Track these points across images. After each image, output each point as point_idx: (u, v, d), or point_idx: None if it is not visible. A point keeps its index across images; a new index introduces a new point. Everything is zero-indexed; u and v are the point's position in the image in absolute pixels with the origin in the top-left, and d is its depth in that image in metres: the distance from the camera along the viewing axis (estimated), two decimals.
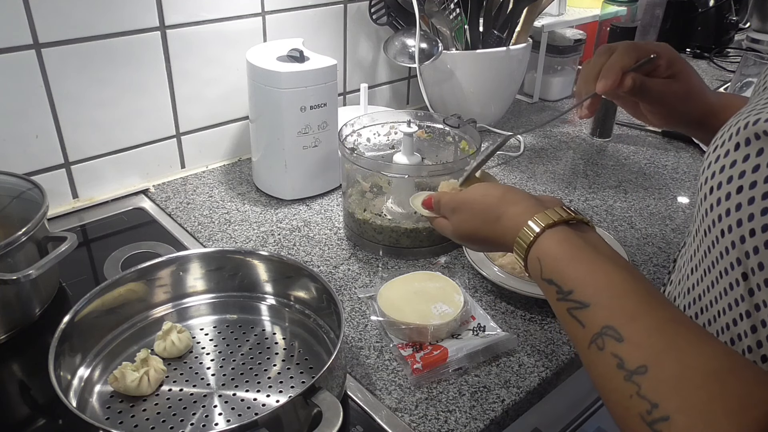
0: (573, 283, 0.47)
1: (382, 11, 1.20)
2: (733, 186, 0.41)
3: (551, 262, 0.50)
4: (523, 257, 0.53)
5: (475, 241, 0.62)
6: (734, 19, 1.85)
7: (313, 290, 0.73)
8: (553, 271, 0.50)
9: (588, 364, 0.45)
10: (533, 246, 0.52)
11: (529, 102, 1.48)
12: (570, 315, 0.47)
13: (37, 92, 0.89)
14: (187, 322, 0.74)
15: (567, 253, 0.50)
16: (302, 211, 0.99)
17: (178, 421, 0.61)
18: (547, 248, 0.51)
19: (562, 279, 0.48)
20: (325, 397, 0.56)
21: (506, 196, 0.58)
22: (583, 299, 0.46)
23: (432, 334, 0.71)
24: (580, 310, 0.46)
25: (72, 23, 0.88)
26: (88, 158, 0.97)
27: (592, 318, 0.45)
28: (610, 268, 0.47)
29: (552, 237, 0.51)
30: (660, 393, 0.38)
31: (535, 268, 0.52)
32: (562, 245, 0.50)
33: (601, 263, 0.48)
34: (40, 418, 0.65)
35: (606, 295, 0.45)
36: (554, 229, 0.52)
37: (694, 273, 0.49)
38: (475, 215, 0.60)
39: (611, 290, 0.46)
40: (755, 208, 0.39)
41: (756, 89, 0.54)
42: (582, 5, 1.49)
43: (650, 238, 0.95)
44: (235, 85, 1.08)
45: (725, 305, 0.44)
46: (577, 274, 0.48)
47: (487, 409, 0.65)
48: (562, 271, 0.49)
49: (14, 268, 0.69)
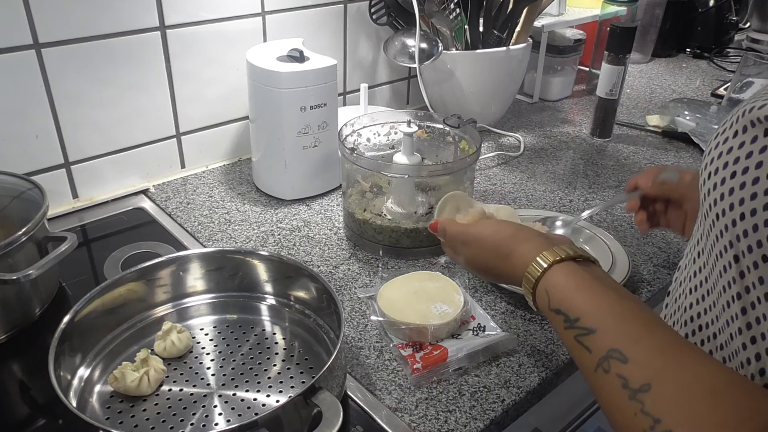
0: (579, 311, 0.50)
1: (382, 11, 1.20)
2: (728, 171, 0.42)
3: (558, 293, 0.53)
4: (532, 290, 0.56)
5: (488, 273, 0.66)
6: (734, 19, 1.85)
7: (313, 290, 0.73)
8: (560, 301, 0.52)
9: (595, 387, 0.46)
10: (541, 279, 0.55)
11: (529, 102, 1.48)
12: (577, 342, 0.48)
13: (37, 92, 0.89)
14: (187, 322, 0.74)
15: (573, 285, 0.52)
16: (302, 211, 0.99)
17: (178, 421, 0.61)
18: (554, 281, 0.54)
19: (568, 308, 0.51)
20: (325, 397, 0.56)
21: (517, 234, 0.61)
22: (589, 325, 0.48)
23: (432, 334, 0.71)
24: (586, 336, 0.48)
25: (72, 23, 0.88)
26: (88, 158, 0.97)
27: (598, 343, 0.47)
28: (613, 296, 0.50)
29: (559, 270, 0.54)
30: (662, 409, 0.40)
31: (543, 300, 0.54)
32: (568, 278, 0.53)
33: (605, 293, 0.50)
34: (40, 418, 0.65)
35: (611, 320, 0.47)
36: (561, 264, 0.54)
37: (696, 263, 0.50)
38: (485, 251, 0.63)
39: (615, 316, 0.48)
40: (746, 193, 0.40)
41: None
42: (582, 5, 1.49)
43: (650, 238, 0.95)
44: (235, 85, 1.08)
45: (723, 303, 0.45)
46: (582, 302, 0.50)
47: (487, 409, 0.65)
48: (569, 300, 0.51)
49: (14, 268, 0.69)
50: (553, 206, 1.03)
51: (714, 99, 1.53)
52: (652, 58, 1.80)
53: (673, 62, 1.81)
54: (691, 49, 1.85)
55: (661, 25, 1.73)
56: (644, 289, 0.84)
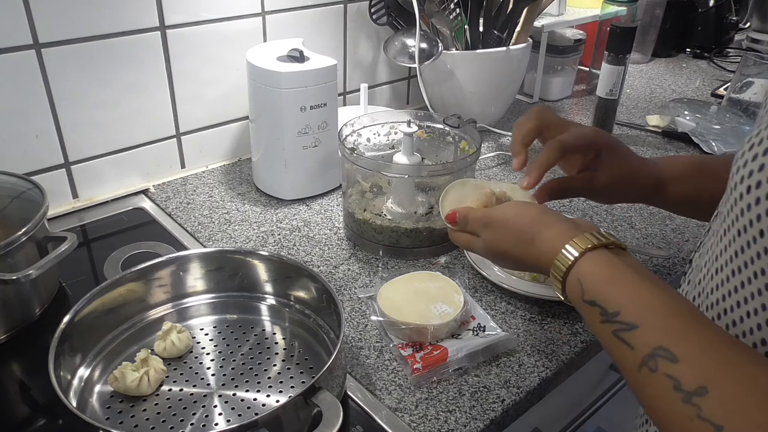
0: (618, 304, 0.46)
1: (382, 11, 1.20)
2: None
3: (593, 283, 0.49)
4: (561, 279, 0.52)
5: (507, 258, 0.62)
6: (734, 19, 1.85)
7: (313, 290, 0.73)
8: (596, 292, 0.49)
9: (637, 386, 0.43)
10: (573, 268, 0.52)
11: (529, 102, 1.48)
12: (616, 337, 0.45)
13: (37, 92, 0.89)
14: (187, 322, 0.74)
15: (610, 274, 0.49)
16: (302, 211, 0.99)
17: (178, 421, 0.61)
18: (588, 270, 0.51)
19: (605, 300, 0.47)
20: (325, 397, 0.56)
21: (542, 217, 0.58)
22: (630, 320, 0.45)
23: (432, 334, 0.71)
24: (627, 332, 0.45)
25: (72, 23, 0.88)
26: (88, 158, 0.97)
27: (641, 339, 0.44)
28: (654, 288, 0.47)
29: (593, 259, 0.51)
30: (723, 415, 0.37)
31: (575, 290, 0.51)
32: (603, 266, 0.50)
33: (645, 284, 0.47)
34: (40, 418, 0.65)
35: (655, 315, 0.44)
36: (594, 252, 0.51)
37: (719, 273, 0.47)
38: (508, 233, 0.60)
39: (660, 310, 0.44)
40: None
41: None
42: (582, 5, 1.49)
43: (650, 238, 0.95)
44: (235, 85, 1.08)
45: (754, 308, 0.42)
46: (621, 294, 0.47)
47: (487, 409, 0.65)
48: (606, 291, 0.48)
49: (14, 268, 0.69)
50: (553, 206, 1.03)
51: (714, 99, 1.53)
52: (652, 58, 1.80)
53: (673, 62, 1.81)
54: (691, 49, 1.85)
55: (661, 25, 1.73)
56: None
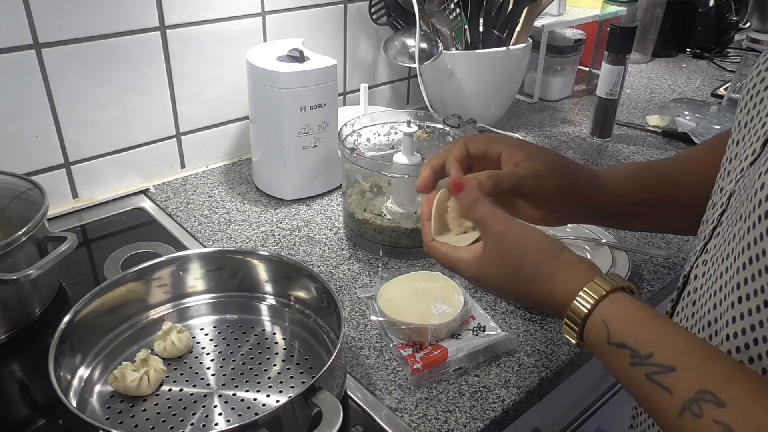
0: (652, 345, 0.44)
1: (382, 11, 1.20)
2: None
3: (623, 325, 0.46)
4: (582, 321, 0.48)
5: (510, 287, 0.54)
6: (734, 19, 1.85)
7: (313, 290, 0.73)
8: (625, 333, 0.45)
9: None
10: (596, 309, 0.48)
11: (529, 102, 1.48)
12: (651, 381, 0.43)
13: (37, 92, 0.89)
14: (187, 322, 0.74)
15: (639, 315, 0.46)
16: (302, 211, 0.99)
17: (178, 421, 0.61)
18: (615, 310, 0.47)
19: (637, 342, 0.44)
20: (325, 397, 0.56)
21: (563, 254, 0.52)
22: (667, 362, 0.42)
23: (432, 334, 0.71)
24: (663, 375, 0.42)
25: (72, 23, 0.88)
26: (88, 158, 0.97)
27: (681, 383, 0.41)
28: (686, 331, 0.45)
29: (618, 300, 0.48)
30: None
31: (599, 333, 0.47)
32: (630, 307, 0.47)
33: (676, 326, 0.45)
34: (40, 418, 0.65)
35: (693, 357, 0.42)
36: (617, 294, 0.48)
37: (728, 298, 0.45)
38: (523, 261, 0.52)
39: (696, 353, 0.42)
40: None
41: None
42: (582, 5, 1.49)
43: (650, 238, 0.95)
44: (235, 85, 1.08)
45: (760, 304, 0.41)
46: (654, 336, 0.44)
47: (487, 409, 0.65)
48: (637, 334, 0.45)
49: (14, 268, 0.69)
50: None
51: (714, 99, 1.53)
52: (652, 58, 1.80)
53: (673, 62, 1.81)
54: (691, 49, 1.85)
55: (661, 25, 1.73)
56: (644, 289, 0.84)
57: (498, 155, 0.58)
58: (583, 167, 0.63)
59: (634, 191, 0.63)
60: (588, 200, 0.61)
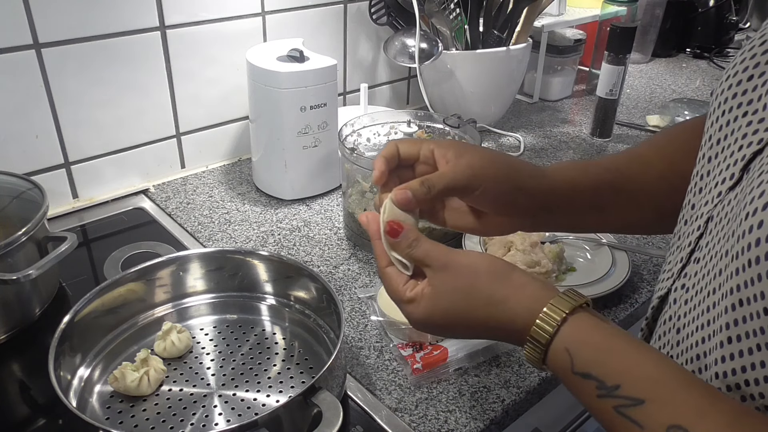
0: (620, 376, 0.41)
1: (382, 11, 1.20)
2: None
3: (587, 353, 0.43)
4: (544, 348, 0.45)
5: (463, 321, 0.49)
6: (734, 19, 1.85)
7: (313, 290, 0.73)
8: (591, 363, 0.42)
9: None
10: (557, 335, 0.44)
11: (529, 102, 1.48)
12: (620, 414, 0.40)
13: (37, 92, 0.89)
14: (187, 322, 0.74)
15: (605, 342, 0.43)
16: (302, 211, 0.99)
17: (178, 421, 0.61)
18: (578, 336, 0.44)
19: (604, 373, 0.42)
20: (325, 397, 0.56)
21: (514, 275, 0.48)
22: (635, 395, 0.40)
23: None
24: (632, 408, 0.39)
25: (72, 23, 0.88)
26: (88, 158, 0.97)
27: (651, 417, 0.39)
28: (655, 357, 0.42)
29: (580, 323, 0.44)
30: None
31: (562, 360, 0.44)
32: (594, 332, 0.44)
33: (643, 352, 0.42)
34: (40, 418, 0.65)
35: (663, 389, 0.39)
36: (577, 316, 0.45)
37: (716, 335, 0.42)
38: (475, 289, 0.48)
39: (668, 384, 0.40)
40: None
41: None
42: (582, 5, 1.49)
43: (650, 238, 0.95)
44: (235, 85, 1.08)
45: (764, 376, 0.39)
46: (622, 365, 0.42)
47: (487, 409, 0.65)
48: (603, 362, 0.42)
49: (14, 268, 0.69)
50: None
51: None
52: (652, 58, 1.80)
53: (673, 62, 1.81)
54: (691, 49, 1.85)
55: (661, 25, 1.73)
56: (644, 289, 0.84)
57: (431, 153, 0.54)
58: (522, 160, 0.59)
59: (579, 180, 0.58)
60: (533, 189, 0.56)
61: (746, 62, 0.45)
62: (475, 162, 0.53)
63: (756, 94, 0.43)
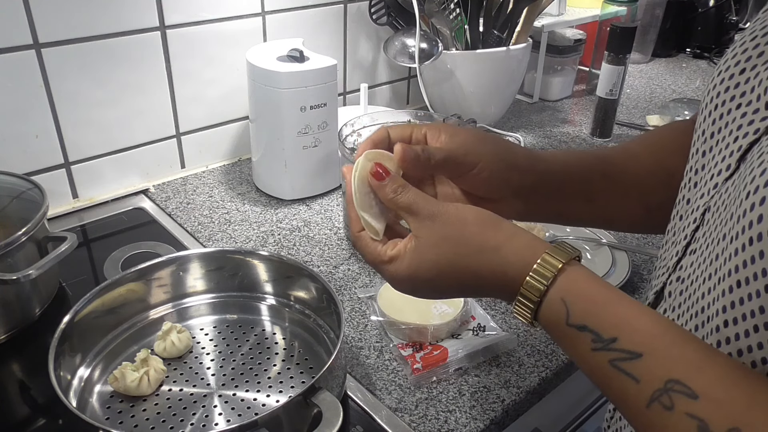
0: (616, 328, 0.40)
1: (382, 11, 1.20)
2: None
3: (584, 304, 0.42)
4: (538, 299, 0.43)
5: (453, 272, 0.46)
6: (734, 19, 1.85)
7: (313, 290, 0.73)
8: (587, 314, 0.41)
9: (647, 425, 0.38)
10: (553, 286, 0.43)
11: (529, 102, 1.48)
12: (615, 368, 0.39)
13: (37, 92, 0.89)
14: (187, 322, 0.74)
15: (601, 294, 0.42)
16: (302, 211, 0.99)
17: (178, 421, 0.61)
18: (574, 288, 0.42)
19: (600, 324, 0.40)
20: (325, 397, 0.56)
21: (505, 226, 0.47)
22: (632, 348, 0.39)
23: (432, 334, 0.71)
24: (629, 362, 0.39)
25: (72, 23, 0.88)
26: (88, 158, 0.97)
27: (648, 370, 0.38)
28: (650, 311, 0.41)
29: (576, 275, 0.43)
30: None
31: (557, 312, 0.42)
32: (591, 285, 0.42)
33: (639, 306, 0.41)
34: (40, 418, 0.65)
35: (660, 342, 0.39)
36: (574, 267, 0.43)
37: (714, 289, 0.42)
38: (465, 238, 0.46)
39: (665, 337, 0.39)
40: None
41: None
42: (582, 5, 1.49)
43: (650, 237, 0.95)
44: (235, 85, 1.08)
45: (754, 325, 0.39)
46: (619, 318, 0.40)
47: (487, 409, 0.65)
48: (600, 314, 0.41)
49: (14, 268, 0.69)
50: None
51: None
52: (652, 58, 1.80)
53: (673, 62, 1.81)
54: (691, 49, 1.85)
55: (661, 25, 1.73)
56: (644, 289, 0.84)
57: (423, 137, 0.53)
58: (516, 143, 0.58)
59: (572, 165, 0.58)
60: (527, 169, 0.55)
61: (738, 57, 0.45)
62: (469, 140, 0.52)
63: (749, 86, 0.43)
